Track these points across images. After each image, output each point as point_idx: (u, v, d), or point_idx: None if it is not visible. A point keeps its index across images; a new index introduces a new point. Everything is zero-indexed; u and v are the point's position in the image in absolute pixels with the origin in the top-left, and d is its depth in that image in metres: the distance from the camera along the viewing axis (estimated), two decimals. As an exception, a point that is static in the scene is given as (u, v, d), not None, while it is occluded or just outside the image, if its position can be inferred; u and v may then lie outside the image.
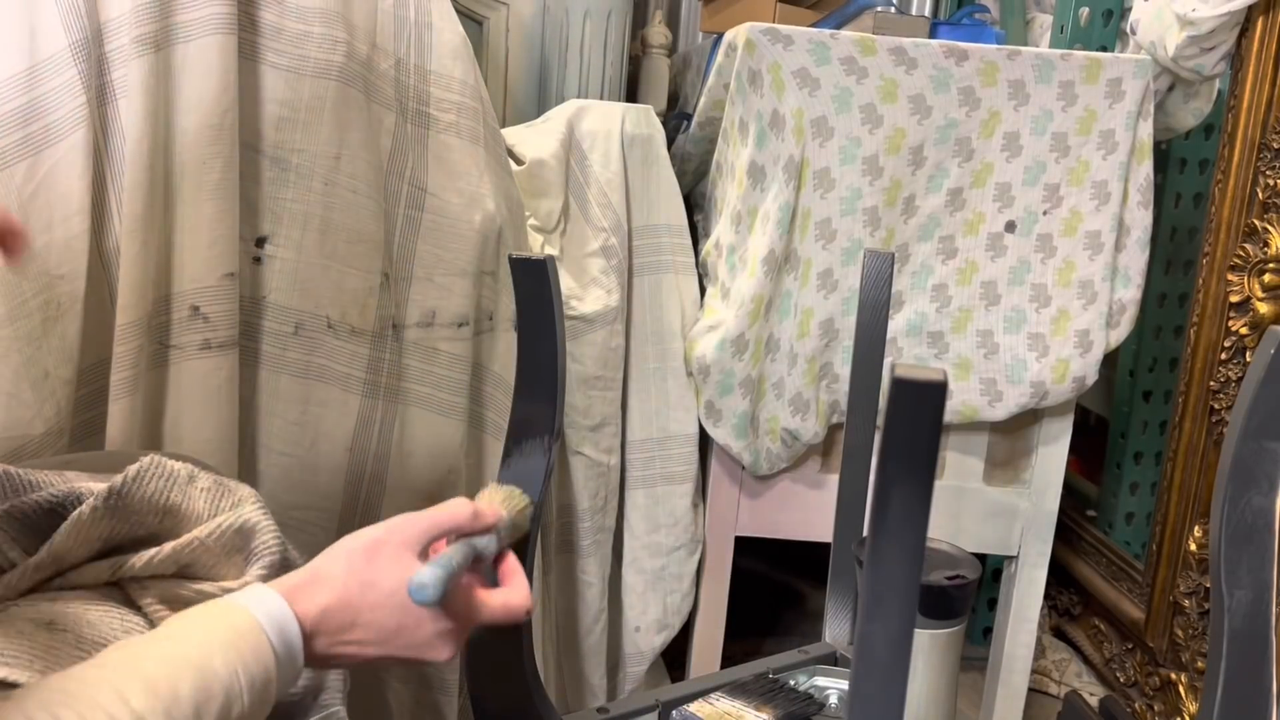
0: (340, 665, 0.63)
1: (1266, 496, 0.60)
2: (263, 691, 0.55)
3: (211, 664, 0.53)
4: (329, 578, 0.61)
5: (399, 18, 1.08)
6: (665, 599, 1.40)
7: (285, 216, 1.04)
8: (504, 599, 0.65)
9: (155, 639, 0.55)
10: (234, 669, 0.54)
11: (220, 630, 0.55)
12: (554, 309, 0.73)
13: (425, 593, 0.58)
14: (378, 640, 0.61)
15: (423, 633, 0.62)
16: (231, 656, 0.54)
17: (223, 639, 0.55)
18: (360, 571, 0.61)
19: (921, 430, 0.45)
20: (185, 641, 0.54)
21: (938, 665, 0.78)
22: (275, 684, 0.57)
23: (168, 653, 0.53)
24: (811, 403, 1.33)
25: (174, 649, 0.53)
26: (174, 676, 0.51)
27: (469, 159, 1.12)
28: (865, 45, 1.23)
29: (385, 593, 0.61)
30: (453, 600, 0.62)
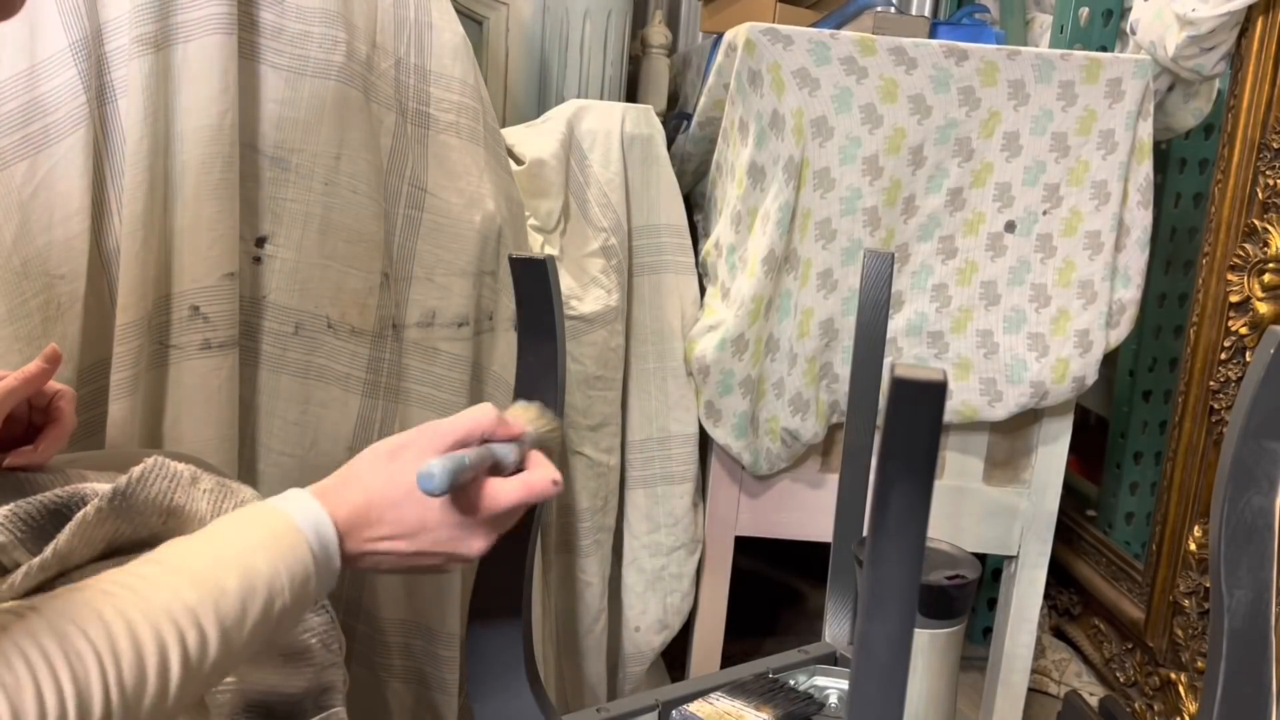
0: (375, 567, 0.64)
1: (1266, 496, 0.60)
2: (302, 588, 0.57)
3: (254, 562, 0.55)
4: (357, 479, 0.63)
5: (399, 18, 1.08)
6: (665, 599, 1.40)
7: (285, 216, 1.04)
8: (525, 478, 0.66)
9: (201, 539, 0.57)
10: (275, 567, 0.56)
11: (261, 532, 0.58)
12: (554, 309, 0.73)
13: (431, 481, 0.59)
14: (404, 535, 0.63)
15: (445, 527, 0.63)
16: (273, 554, 0.56)
17: (263, 539, 0.57)
18: (384, 471, 0.63)
19: (921, 430, 0.45)
20: (230, 543, 0.57)
21: (938, 665, 0.78)
22: (314, 581, 0.59)
23: (214, 552, 0.55)
24: (811, 403, 1.33)
25: (220, 549, 0.56)
26: (220, 572, 0.54)
27: (469, 159, 1.12)
28: (865, 45, 1.23)
29: (405, 489, 0.62)
30: (468, 492, 0.64)
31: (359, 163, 1.05)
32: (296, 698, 0.75)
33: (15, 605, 0.48)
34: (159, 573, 0.53)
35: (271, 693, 0.74)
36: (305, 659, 0.77)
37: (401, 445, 0.64)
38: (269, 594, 0.55)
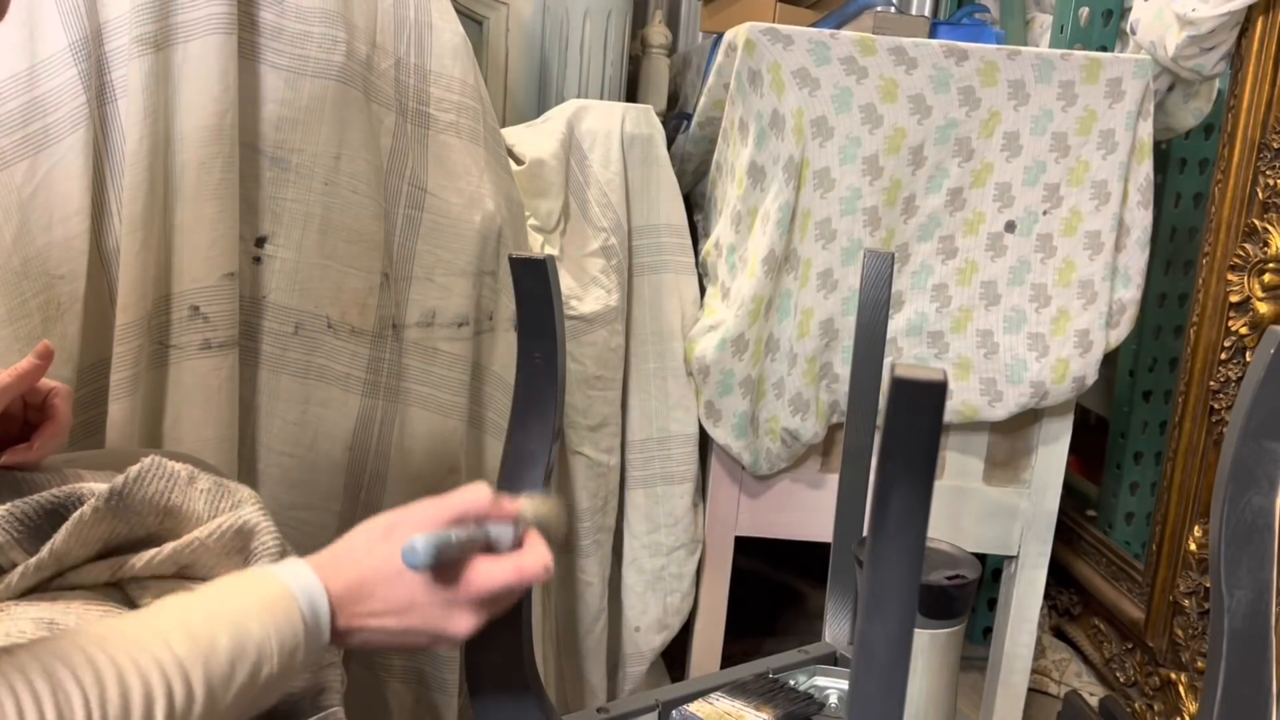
0: (363, 644, 0.64)
1: (1266, 496, 0.60)
2: (290, 657, 0.57)
3: (247, 624, 0.55)
4: (351, 555, 0.63)
5: (399, 18, 1.08)
6: (665, 599, 1.40)
7: (285, 216, 1.04)
8: (516, 561, 0.65)
9: (196, 597, 0.57)
10: (267, 631, 0.56)
11: (257, 595, 0.58)
12: (554, 309, 0.73)
13: (415, 556, 0.59)
14: (394, 612, 0.63)
15: (433, 605, 0.63)
16: (266, 620, 0.56)
17: (259, 603, 0.57)
18: (379, 548, 0.63)
19: (921, 430, 0.45)
20: (224, 602, 0.57)
21: (937, 665, 0.78)
22: (302, 652, 0.58)
23: (208, 609, 0.55)
24: (811, 403, 1.33)
25: (214, 607, 0.56)
26: (213, 630, 0.53)
27: (469, 159, 1.12)
28: (865, 45, 1.23)
29: (397, 568, 0.62)
30: (456, 571, 0.63)
31: (359, 163, 1.05)
32: (295, 697, 0.75)
33: (6, 643, 0.48)
34: (154, 622, 0.53)
35: None
36: None
37: (395, 523, 0.64)
38: (258, 658, 0.55)
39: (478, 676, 0.78)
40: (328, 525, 1.11)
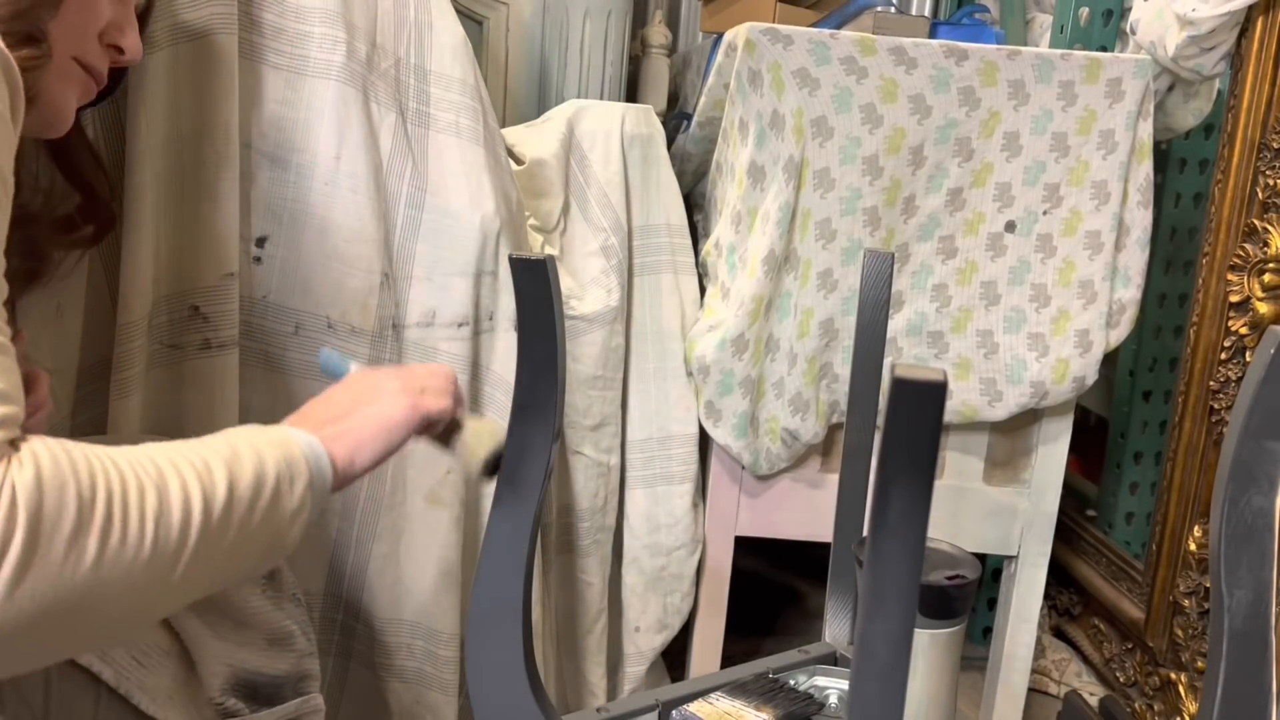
0: (354, 448, 0.69)
1: (1266, 496, 0.60)
2: (293, 478, 0.62)
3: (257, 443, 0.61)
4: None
5: (399, 17, 1.08)
6: (665, 599, 1.40)
7: (285, 216, 1.04)
8: None
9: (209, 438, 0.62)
10: (275, 453, 0.61)
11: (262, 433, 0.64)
12: (554, 309, 0.72)
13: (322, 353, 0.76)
14: (347, 403, 0.70)
15: (378, 387, 0.71)
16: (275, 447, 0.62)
17: (264, 435, 0.63)
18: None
19: (921, 430, 0.45)
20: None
21: (937, 665, 0.78)
22: (305, 478, 0.63)
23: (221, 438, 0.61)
24: (811, 403, 1.33)
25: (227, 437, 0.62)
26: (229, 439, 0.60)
27: (469, 159, 1.12)
28: (865, 45, 1.23)
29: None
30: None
31: (359, 163, 1.05)
32: (279, 680, 0.77)
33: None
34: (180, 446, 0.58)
35: (258, 673, 0.76)
36: (288, 644, 0.79)
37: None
38: (265, 468, 0.60)
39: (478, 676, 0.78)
40: (326, 524, 1.11)
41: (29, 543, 0.46)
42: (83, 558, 0.48)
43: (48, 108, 0.66)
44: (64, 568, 0.47)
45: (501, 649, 0.77)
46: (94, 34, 0.70)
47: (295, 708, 0.79)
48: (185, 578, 0.54)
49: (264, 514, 0.59)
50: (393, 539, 1.13)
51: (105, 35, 0.71)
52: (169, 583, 0.53)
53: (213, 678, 0.74)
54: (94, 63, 0.70)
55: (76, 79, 0.69)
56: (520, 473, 0.74)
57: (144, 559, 0.51)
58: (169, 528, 0.52)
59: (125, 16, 0.73)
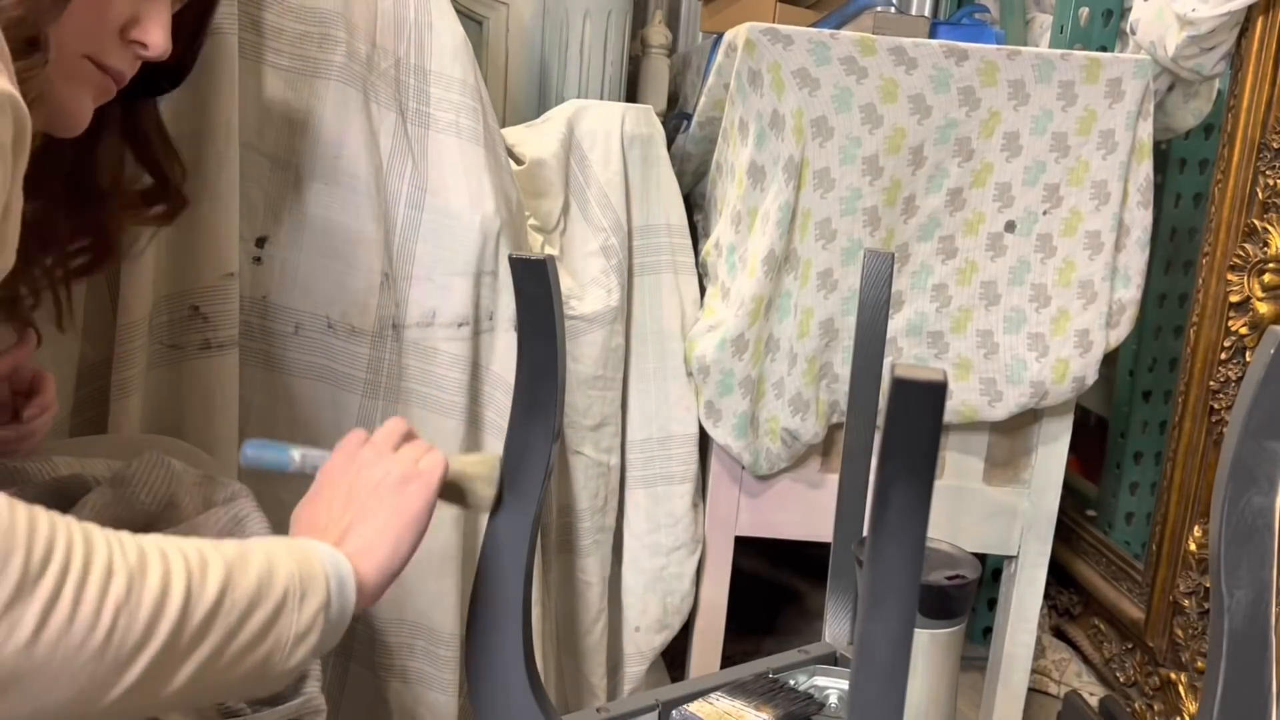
0: (386, 561, 0.65)
1: (1266, 496, 0.60)
2: (307, 595, 0.56)
3: (276, 550, 0.56)
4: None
5: (399, 18, 1.08)
6: (665, 599, 1.40)
7: (285, 217, 1.04)
8: None
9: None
10: (291, 565, 0.56)
11: (283, 541, 0.59)
12: (554, 309, 0.72)
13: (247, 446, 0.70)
14: (354, 512, 0.65)
15: (377, 484, 0.66)
16: (291, 554, 0.57)
17: (285, 544, 0.58)
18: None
19: (921, 430, 0.45)
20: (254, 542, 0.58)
21: (937, 665, 0.78)
22: (323, 593, 0.58)
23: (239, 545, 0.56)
24: (811, 403, 1.33)
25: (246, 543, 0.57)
26: (244, 548, 0.55)
27: (469, 159, 1.12)
28: (865, 45, 1.23)
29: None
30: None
31: (359, 163, 1.05)
32: None
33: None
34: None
35: None
36: None
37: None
38: (274, 578, 0.55)
39: (478, 676, 0.78)
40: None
41: None
42: (15, 630, 0.42)
43: (56, 109, 0.64)
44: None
45: (501, 649, 0.77)
46: (110, 31, 0.66)
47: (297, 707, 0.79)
48: (143, 682, 0.47)
49: (258, 629, 0.53)
50: (393, 539, 1.13)
51: (126, 31, 0.67)
52: (121, 683, 0.46)
53: None
54: (110, 61, 0.66)
55: (90, 79, 0.66)
56: (520, 473, 0.74)
57: (93, 647, 0.45)
58: (131, 619, 0.46)
59: (151, 12, 0.68)
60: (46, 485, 0.70)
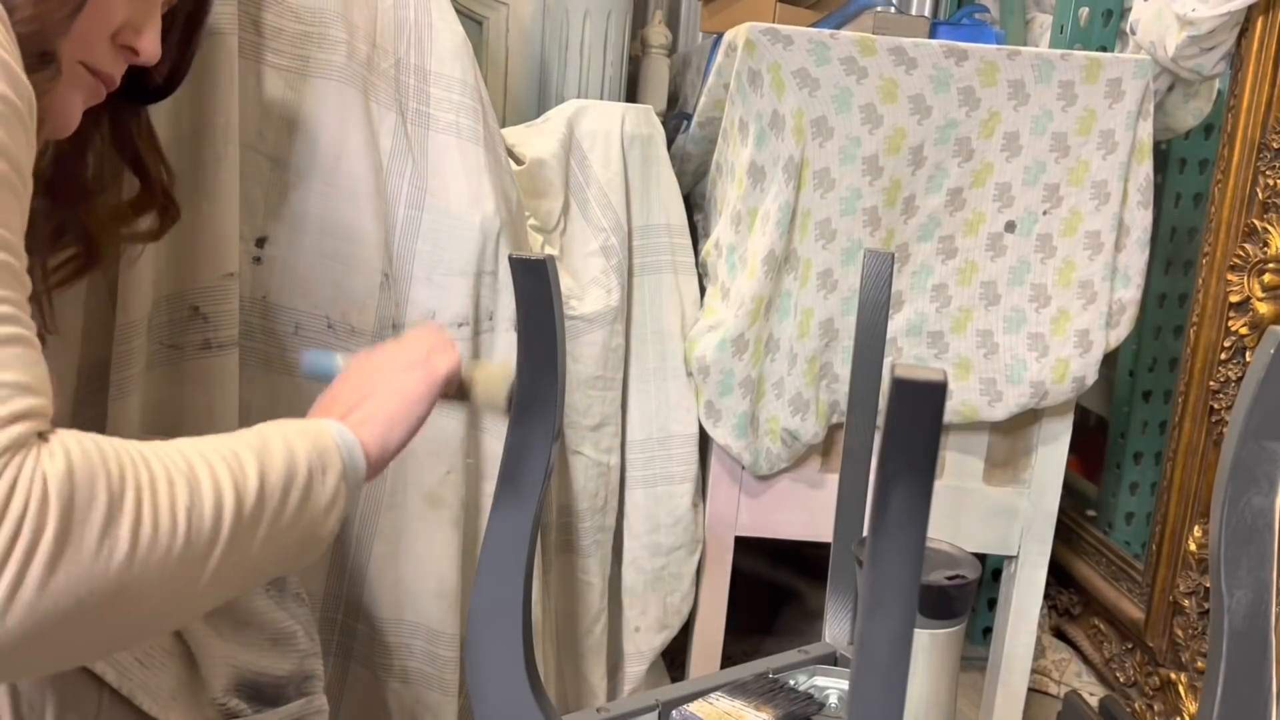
0: (384, 427, 0.69)
1: (1266, 496, 0.60)
2: (324, 469, 0.62)
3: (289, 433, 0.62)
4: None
5: (399, 18, 1.08)
6: (665, 599, 1.40)
7: (285, 217, 1.04)
8: None
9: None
10: (307, 445, 0.62)
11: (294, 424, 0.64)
12: (554, 309, 0.72)
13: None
14: (368, 389, 0.71)
15: (387, 366, 0.72)
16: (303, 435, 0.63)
17: (296, 427, 0.64)
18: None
19: (921, 430, 0.45)
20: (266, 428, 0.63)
21: (937, 665, 0.78)
22: (337, 469, 0.63)
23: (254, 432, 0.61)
24: (811, 403, 1.33)
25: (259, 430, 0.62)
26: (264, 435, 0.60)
27: (469, 159, 1.12)
28: (865, 45, 1.23)
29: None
30: None
31: (359, 163, 1.05)
32: (282, 681, 0.77)
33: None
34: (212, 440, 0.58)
35: (262, 674, 0.76)
36: (291, 644, 0.79)
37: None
38: (296, 460, 0.60)
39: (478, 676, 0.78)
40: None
41: (61, 534, 0.45)
42: (115, 550, 0.47)
43: (49, 111, 0.63)
44: (96, 560, 0.46)
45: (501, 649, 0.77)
46: (104, 37, 0.67)
47: (299, 708, 0.79)
48: (218, 573, 0.53)
49: (297, 506, 0.58)
50: (393, 539, 1.13)
51: (119, 36, 0.68)
52: (201, 578, 0.52)
53: (215, 678, 0.74)
54: (102, 66, 0.67)
55: (82, 82, 0.67)
56: (520, 473, 0.74)
57: (176, 552, 0.50)
58: (201, 520, 0.51)
59: (144, 16, 0.69)
60: None
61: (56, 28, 0.60)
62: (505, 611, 0.76)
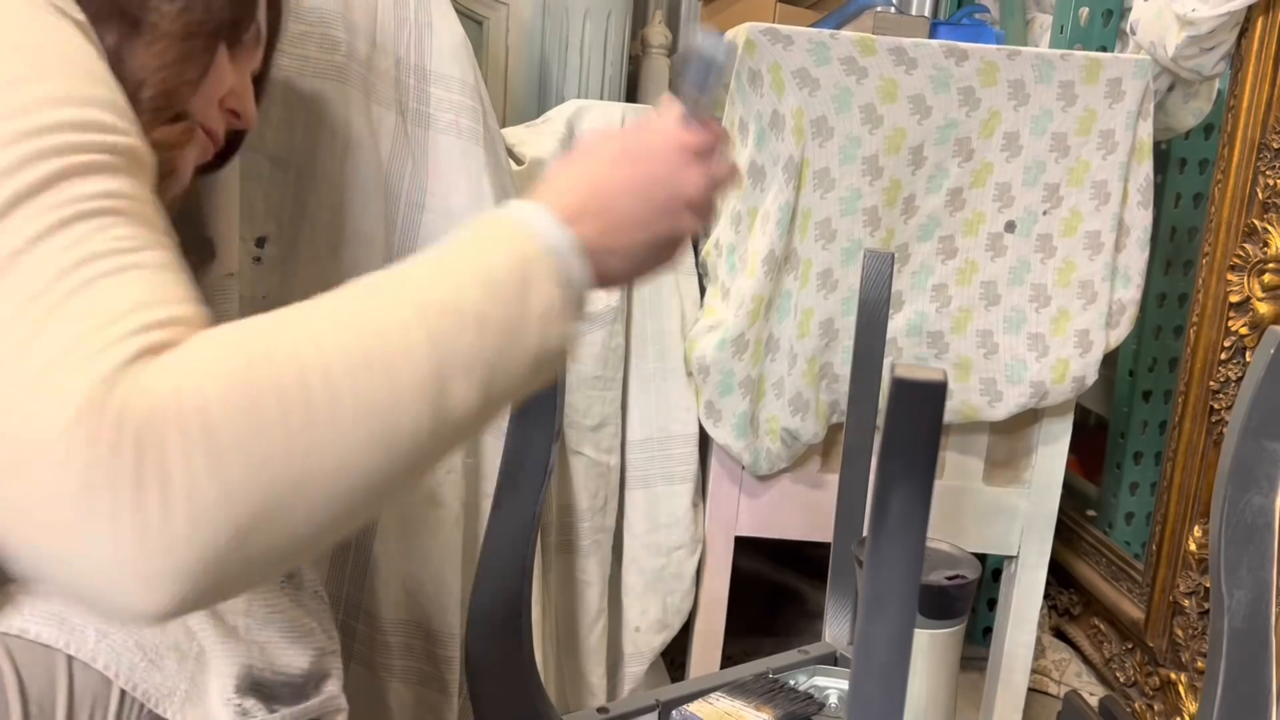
0: (616, 270, 0.60)
1: (1266, 496, 0.60)
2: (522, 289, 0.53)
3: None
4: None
5: (399, 18, 1.08)
6: (665, 599, 1.40)
7: (285, 216, 1.04)
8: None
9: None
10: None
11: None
12: (554, 309, 0.72)
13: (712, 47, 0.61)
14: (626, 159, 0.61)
15: (651, 194, 0.61)
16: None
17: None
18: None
19: (921, 430, 0.45)
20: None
21: (938, 665, 0.78)
22: (552, 292, 0.54)
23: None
24: (811, 403, 1.33)
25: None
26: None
27: (469, 159, 1.12)
28: (865, 45, 1.23)
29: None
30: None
31: (359, 163, 1.05)
32: (299, 680, 0.76)
33: None
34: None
35: (278, 673, 0.76)
36: (307, 641, 0.79)
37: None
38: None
39: (478, 676, 0.78)
40: (328, 525, 1.11)
41: (201, 451, 0.41)
42: (270, 458, 0.43)
43: (178, 168, 0.70)
44: (266, 464, 0.43)
45: (501, 649, 0.77)
46: (216, 100, 0.72)
47: (317, 707, 0.79)
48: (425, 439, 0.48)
49: (500, 344, 0.51)
50: (393, 539, 1.13)
51: (226, 100, 0.73)
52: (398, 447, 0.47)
53: (228, 678, 0.74)
54: (214, 127, 0.72)
55: (200, 141, 0.72)
56: (520, 473, 0.74)
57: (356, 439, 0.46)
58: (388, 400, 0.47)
59: (243, 83, 0.74)
60: None
61: (189, 89, 0.65)
62: (505, 611, 0.76)
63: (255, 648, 0.75)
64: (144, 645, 0.69)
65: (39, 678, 0.63)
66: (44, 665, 0.64)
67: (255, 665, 0.75)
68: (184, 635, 0.73)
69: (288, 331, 0.49)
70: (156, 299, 0.45)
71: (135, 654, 0.68)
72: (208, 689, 0.72)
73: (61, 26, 0.53)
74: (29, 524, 0.41)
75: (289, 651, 0.78)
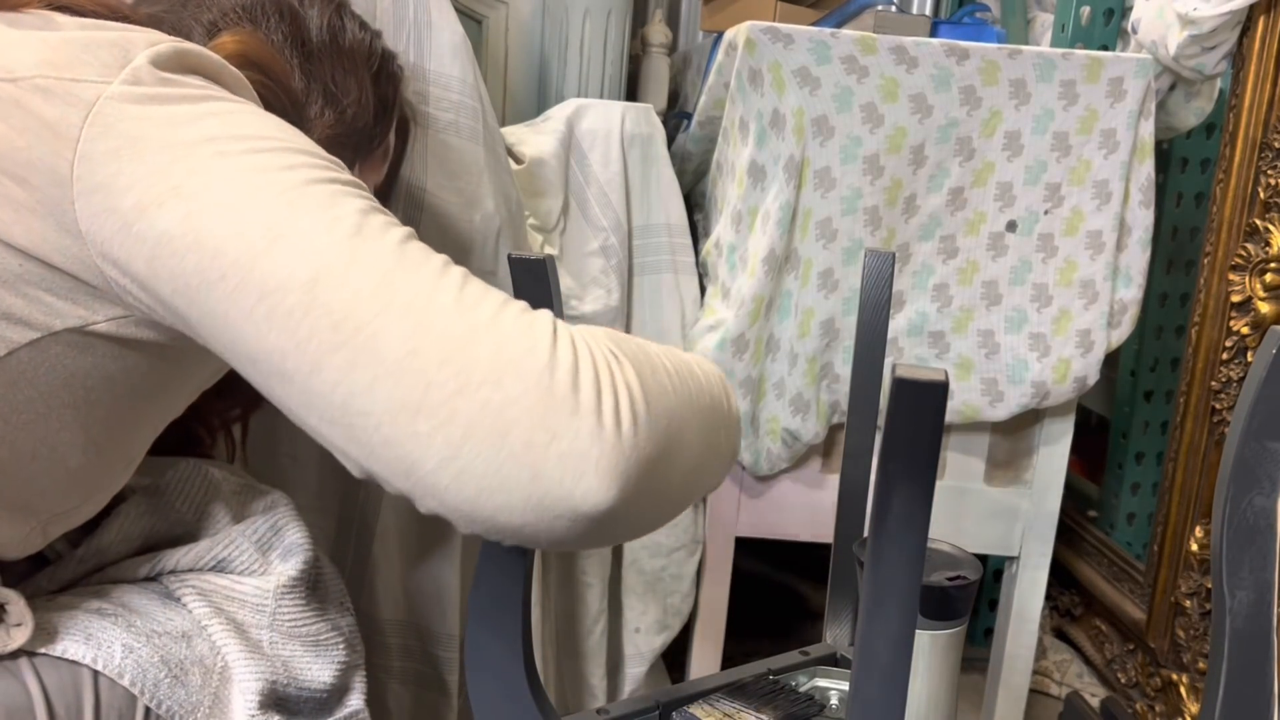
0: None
1: (1268, 497, 0.60)
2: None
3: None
4: None
5: (398, 17, 1.08)
6: (665, 600, 1.40)
7: (284, 216, 1.03)
8: None
9: None
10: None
11: None
12: (554, 308, 0.72)
13: None
14: None
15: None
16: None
17: None
18: None
19: (922, 430, 0.44)
20: None
21: (938, 666, 0.77)
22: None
23: None
24: (812, 403, 1.33)
25: None
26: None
27: (468, 159, 1.12)
28: (866, 44, 1.23)
29: None
30: None
31: (358, 162, 1.04)
32: (322, 694, 0.76)
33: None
34: None
35: (303, 688, 0.75)
36: (332, 654, 0.78)
37: None
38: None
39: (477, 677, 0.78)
40: (326, 527, 1.11)
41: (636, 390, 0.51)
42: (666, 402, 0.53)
43: None
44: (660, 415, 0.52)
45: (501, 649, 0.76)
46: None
47: None
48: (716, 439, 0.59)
49: (719, 425, 0.61)
50: (392, 539, 1.13)
51: None
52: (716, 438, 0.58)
53: (251, 694, 0.73)
54: None
55: None
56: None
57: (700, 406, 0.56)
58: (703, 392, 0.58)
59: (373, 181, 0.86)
60: None
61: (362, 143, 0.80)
62: (505, 612, 0.76)
63: (279, 663, 0.74)
64: (169, 661, 0.68)
65: (65, 695, 0.63)
66: (70, 682, 0.63)
67: (279, 681, 0.74)
68: (209, 650, 0.73)
69: (615, 333, 0.57)
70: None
71: (160, 670, 0.68)
72: (230, 705, 0.71)
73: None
74: (504, 420, 0.48)
75: (313, 666, 0.77)
